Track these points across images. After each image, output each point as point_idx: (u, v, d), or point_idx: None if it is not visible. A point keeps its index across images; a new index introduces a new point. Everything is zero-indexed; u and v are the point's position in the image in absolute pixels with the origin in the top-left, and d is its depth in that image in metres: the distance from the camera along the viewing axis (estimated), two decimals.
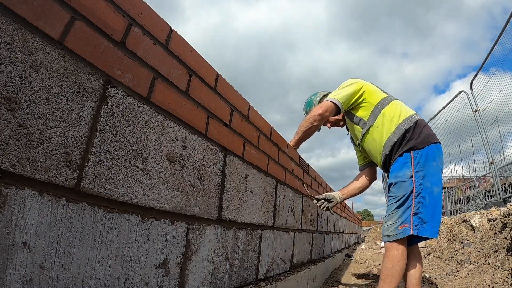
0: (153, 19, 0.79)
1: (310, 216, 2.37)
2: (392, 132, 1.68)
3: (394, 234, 1.55)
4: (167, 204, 0.81)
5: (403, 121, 1.68)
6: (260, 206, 1.41)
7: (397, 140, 1.65)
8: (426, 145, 1.60)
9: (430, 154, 1.59)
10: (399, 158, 1.63)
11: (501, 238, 2.59)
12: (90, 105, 0.61)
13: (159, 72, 0.80)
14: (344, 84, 1.87)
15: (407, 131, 1.64)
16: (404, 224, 1.54)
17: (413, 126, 1.65)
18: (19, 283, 0.48)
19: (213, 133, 1.04)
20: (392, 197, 1.63)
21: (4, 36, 0.47)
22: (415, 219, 1.53)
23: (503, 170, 6.31)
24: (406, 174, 1.58)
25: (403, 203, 1.57)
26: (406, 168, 1.59)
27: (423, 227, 1.52)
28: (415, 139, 1.61)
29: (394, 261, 1.52)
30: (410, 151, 1.60)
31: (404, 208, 1.56)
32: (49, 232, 0.53)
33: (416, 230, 1.51)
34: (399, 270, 1.50)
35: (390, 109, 1.74)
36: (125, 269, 0.68)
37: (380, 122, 1.72)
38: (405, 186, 1.58)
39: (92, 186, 0.61)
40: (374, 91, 1.82)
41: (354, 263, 4.41)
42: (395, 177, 1.63)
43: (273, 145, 1.60)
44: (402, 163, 1.61)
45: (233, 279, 1.16)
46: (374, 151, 1.81)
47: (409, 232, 1.52)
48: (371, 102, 1.79)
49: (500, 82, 5.95)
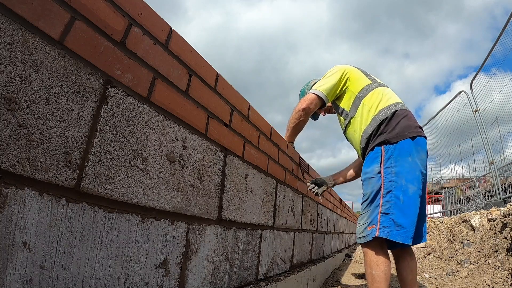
0: (153, 19, 0.79)
1: (310, 216, 2.37)
2: (368, 123, 1.55)
3: (364, 235, 1.44)
4: (167, 204, 0.81)
5: (380, 111, 1.54)
6: (260, 206, 1.41)
7: (372, 132, 1.52)
8: (400, 139, 1.45)
9: (405, 149, 1.44)
10: (370, 153, 1.52)
11: (501, 238, 2.59)
12: (90, 105, 0.61)
13: (159, 72, 0.80)
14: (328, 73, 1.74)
15: (381, 123, 1.51)
16: (372, 224, 1.41)
17: (390, 117, 1.50)
18: (19, 283, 0.48)
19: (213, 133, 1.04)
20: (363, 195, 1.52)
21: (4, 36, 0.47)
22: (385, 220, 1.38)
23: (503, 170, 6.32)
24: (374, 170, 1.46)
25: (372, 201, 1.45)
26: (375, 163, 1.47)
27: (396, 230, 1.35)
28: (388, 132, 1.47)
29: (373, 266, 1.40)
30: (381, 145, 1.47)
31: (372, 207, 1.44)
32: (49, 232, 0.53)
33: (386, 233, 1.36)
34: (381, 274, 1.37)
35: (370, 99, 1.60)
36: (125, 269, 0.68)
37: (360, 113, 1.60)
38: (373, 182, 1.45)
39: (92, 186, 0.61)
40: (358, 79, 1.68)
41: (354, 263, 4.41)
42: (364, 173, 1.52)
43: (273, 145, 1.60)
44: (372, 158, 1.50)
45: (233, 279, 1.16)
46: (355, 144, 1.70)
47: (375, 233, 1.38)
48: (352, 91, 1.66)
49: (500, 82, 5.96)
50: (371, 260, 1.41)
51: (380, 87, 1.64)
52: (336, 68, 1.73)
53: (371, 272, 1.40)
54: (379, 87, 1.65)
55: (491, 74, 6.29)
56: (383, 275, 1.37)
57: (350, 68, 1.72)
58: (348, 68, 1.72)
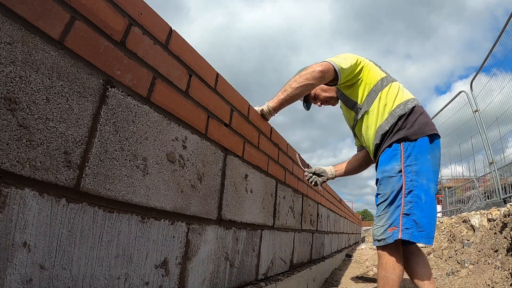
0: (153, 19, 0.79)
1: (310, 216, 2.37)
2: (384, 119, 1.45)
3: (384, 238, 1.36)
4: (167, 204, 0.81)
5: (398, 106, 1.45)
6: (260, 206, 1.41)
7: (389, 129, 1.43)
8: (419, 136, 1.38)
9: (424, 147, 1.38)
10: (387, 150, 1.42)
11: (501, 238, 2.59)
12: (90, 105, 0.61)
13: (159, 72, 0.80)
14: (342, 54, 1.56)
15: (400, 119, 1.42)
16: (392, 226, 1.34)
17: (408, 113, 1.43)
18: (19, 283, 0.48)
19: (213, 133, 1.04)
20: (381, 195, 1.42)
21: (4, 36, 0.47)
22: (407, 221, 1.32)
23: (503, 170, 6.31)
24: (395, 169, 1.37)
25: (392, 202, 1.36)
26: (395, 161, 1.38)
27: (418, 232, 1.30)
28: (407, 128, 1.39)
29: (389, 269, 1.34)
30: (400, 142, 1.39)
31: (393, 208, 1.36)
32: (49, 232, 0.53)
33: (408, 235, 1.30)
34: (395, 278, 1.32)
35: (387, 92, 1.49)
36: (125, 269, 0.68)
37: (376, 107, 1.48)
38: (393, 182, 1.37)
39: (92, 186, 0.61)
40: (372, 70, 1.55)
41: (354, 263, 4.41)
42: (382, 172, 1.42)
43: (273, 145, 1.60)
44: (391, 155, 1.40)
45: (233, 279, 1.16)
46: (367, 141, 1.57)
47: (397, 235, 1.31)
48: (367, 83, 1.52)
49: (500, 82, 5.96)
50: (387, 263, 1.35)
51: (396, 81, 1.56)
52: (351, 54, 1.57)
53: (385, 275, 1.34)
54: (395, 81, 1.55)
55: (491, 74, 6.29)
56: (398, 279, 1.33)
57: (364, 58, 1.58)
58: (362, 57, 1.58)
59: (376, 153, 1.52)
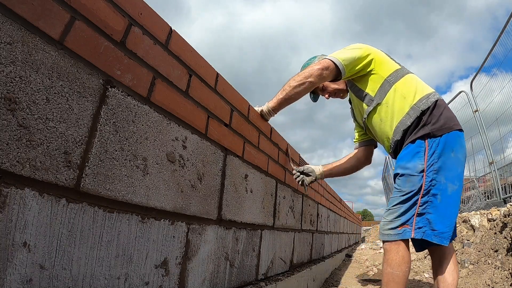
0: (153, 19, 0.79)
1: (310, 216, 2.37)
2: (405, 113, 1.37)
3: (391, 234, 1.32)
4: (167, 204, 0.81)
5: (420, 100, 1.37)
6: (260, 206, 1.41)
7: (412, 124, 1.35)
8: (445, 131, 1.31)
9: (449, 143, 1.31)
10: (410, 145, 1.35)
11: (501, 238, 2.59)
12: (90, 105, 0.61)
13: (159, 72, 0.80)
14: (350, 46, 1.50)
15: (423, 113, 1.34)
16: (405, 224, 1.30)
17: (432, 107, 1.35)
18: (19, 283, 0.48)
19: (213, 133, 1.04)
20: (397, 190, 1.36)
21: (4, 36, 0.47)
22: (420, 220, 1.29)
23: (503, 170, 6.31)
24: (417, 167, 1.31)
25: (407, 200, 1.32)
26: (418, 159, 1.31)
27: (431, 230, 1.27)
28: (432, 123, 1.32)
29: (394, 265, 1.29)
30: (425, 138, 1.32)
31: (407, 206, 1.31)
32: (49, 232, 0.53)
33: (421, 234, 1.27)
34: (401, 275, 1.28)
35: (403, 84, 1.42)
36: (125, 269, 0.68)
37: (391, 99, 1.41)
38: (414, 181, 1.31)
39: (92, 186, 0.61)
40: (385, 61, 1.48)
41: (354, 263, 4.41)
42: (403, 168, 1.35)
43: (273, 145, 1.60)
44: (413, 152, 1.33)
45: (233, 279, 1.16)
46: (380, 134, 1.50)
47: (409, 234, 1.28)
48: (380, 74, 1.45)
49: (500, 82, 5.95)
50: (392, 259, 1.30)
51: (411, 73, 1.48)
52: (360, 45, 1.50)
53: (391, 271, 1.29)
54: (409, 73, 1.48)
55: (492, 74, 6.28)
56: (403, 276, 1.28)
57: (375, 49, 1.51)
58: (373, 48, 1.51)
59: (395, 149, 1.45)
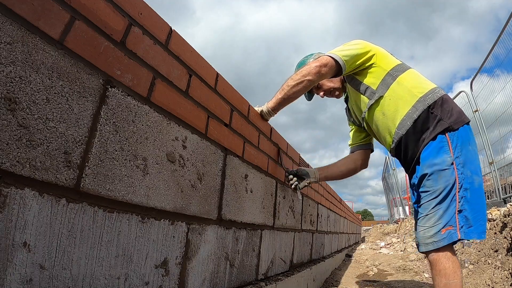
0: (153, 19, 0.79)
1: (310, 216, 2.37)
2: (411, 106, 1.32)
3: (435, 241, 1.19)
4: (167, 204, 0.81)
5: (426, 94, 1.33)
6: (260, 206, 1.41)
7: (418, 118, 1.30)
8: (460, 125, 1.28)
9: (465, 136, 1.28)
10: (431, 143, 1.28)
11: (501, 238, 2.59)
12: (90, 105, 0.61)
13: (159, 72, 0.80)
14: (349, 42, 1.48)
15: (431, 107, 1.30)
16: (448, 226, 1.19)
17: (440, 101, 1.32)
18: (19, 283, 0.48)
19: (213, 133, 1.04)
20: (428, 193, 1.26)
21: (4, 36, 0.47)
22: (461, 218, 1.20)
23: (503, 170, 6.31)
24: (446, 161, 1.23)
25: (444, 198, 1.22)
26: (444, 153, 1.25)
27: (468, 228, 1.19)
28: (447, 117, 1.28)
29: (450, 274, 1.16)
30: (444, 132, 1.27)
31: (446, 205, 1.21)
32: (49, 232, 0.53)
33: (464, 233, 1.18)
34: (458, 283, 1.15)
35: (407, 77, 1.39)
36: (125, 269, 0.68)
37: (394, 92, 1.37)
38: (447, 175, 1.22)
39: (92, 186, 0.61)
40: (386, 56, 1.47)
41: (354, 263, 4.41)
42: (432, 166, 1.26)
43: (273, 145, 1.60)
44: (438, 147, 1.26)
45: (233, 279, 1.16)
46: (382, 129, 1.45)
47: (455, 236, 1.18)
48: (382, 67, 1.42)
49: (500, 82, 5.95)
50: (446, 268, 1.18)
51: (412, 68, 1.46)
52: (358, 41, 1.49)
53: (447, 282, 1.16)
54: (411, 68, 1.46)
55: (492, 74, 6.28)
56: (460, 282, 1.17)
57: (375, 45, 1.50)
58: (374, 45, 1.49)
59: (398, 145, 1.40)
